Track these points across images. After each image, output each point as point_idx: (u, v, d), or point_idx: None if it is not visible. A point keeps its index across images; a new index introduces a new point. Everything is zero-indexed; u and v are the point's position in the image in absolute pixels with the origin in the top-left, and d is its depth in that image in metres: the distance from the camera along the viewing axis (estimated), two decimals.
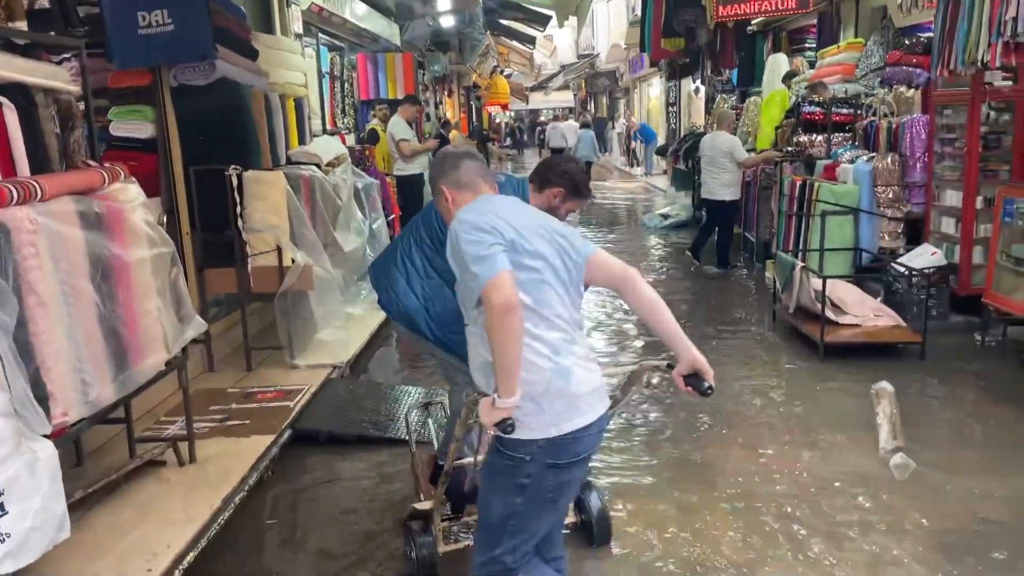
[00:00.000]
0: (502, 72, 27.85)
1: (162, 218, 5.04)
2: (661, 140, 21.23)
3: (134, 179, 3.49)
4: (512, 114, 46.94)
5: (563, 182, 3.01)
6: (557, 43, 37.97)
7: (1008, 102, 5.70)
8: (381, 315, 6.54)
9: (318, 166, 6.04)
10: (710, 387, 2.20)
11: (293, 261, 5.11)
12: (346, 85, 9.31)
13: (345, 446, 4.26)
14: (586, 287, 2.24)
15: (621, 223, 13.16)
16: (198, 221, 5.10)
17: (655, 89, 24.85)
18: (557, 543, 2.39)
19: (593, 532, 3.17)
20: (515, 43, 23.30)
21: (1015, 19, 4.79)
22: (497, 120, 40.07)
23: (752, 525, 3.36)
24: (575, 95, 45.45)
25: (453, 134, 16.16)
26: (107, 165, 3.38)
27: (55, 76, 3.37)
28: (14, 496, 2.39)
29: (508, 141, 35.43)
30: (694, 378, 2.20)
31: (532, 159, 29.90)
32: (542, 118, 44.68)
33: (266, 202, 5.05)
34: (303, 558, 3.25)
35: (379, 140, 8.68)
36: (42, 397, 2.63)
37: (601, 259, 2.21)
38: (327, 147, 6.50)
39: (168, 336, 3.49)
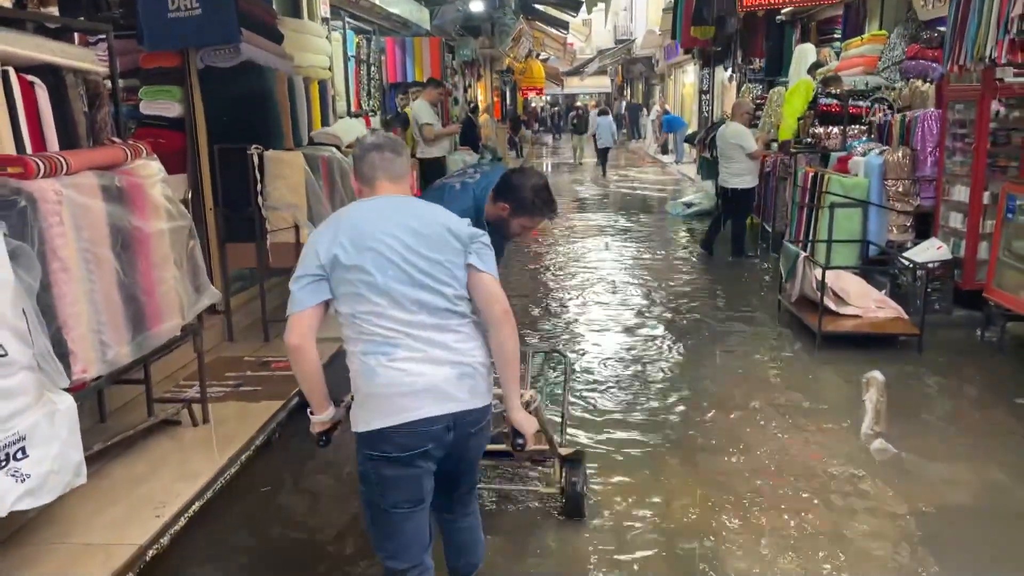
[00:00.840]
0: (537, 56, 27.85)
1: (187, 193, 5.33)
2: (693, 128, 21.14)
3: (155, 156, 3.73)
4: (548, 98, 46.89)
5: (510, 199, 3.01)
6: (596, 28, 37.82)
7: (1019, 99, 5.72)
8: None
9: (338, 147, 6.27)
10: (520, 445, 2.37)
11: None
12: (372, 68, 9.52)
13: None
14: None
15: (648, 211, 13.23)
16: (221, 197, 5.36)
17: (689, 76, 24.68)
18: (460, 499, 2.51)
19: (566, 506, 3.36)
20: (549, 28, 23.31)
21: (1022, 17, 4.83)
22: (533, 104, 40.06)
23: (725, 499, 3.53)
24: (612, 80, 45.23)
25: (483, 118, 16.35)
26: (130, 142, 3.63)
27: (84, 58, 3.62)
28: (35, 442, 2.66)
29: (537, 126, 35.45)
30: (513, 429, 2.38)
31: (566, 143, 29.95)
32: (578, 103, 44.58)
33: (285, 181, 5.29)
34: (298, 515, 3.50)
35: (409, 124, 8.88)
36: (63, 354, 2.90)
37: (483, 283, 2.27)
38: (349, 129, 6.73)
39: (184, 303, 3.75)
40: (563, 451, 3.33)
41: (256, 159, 5.22)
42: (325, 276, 2.19)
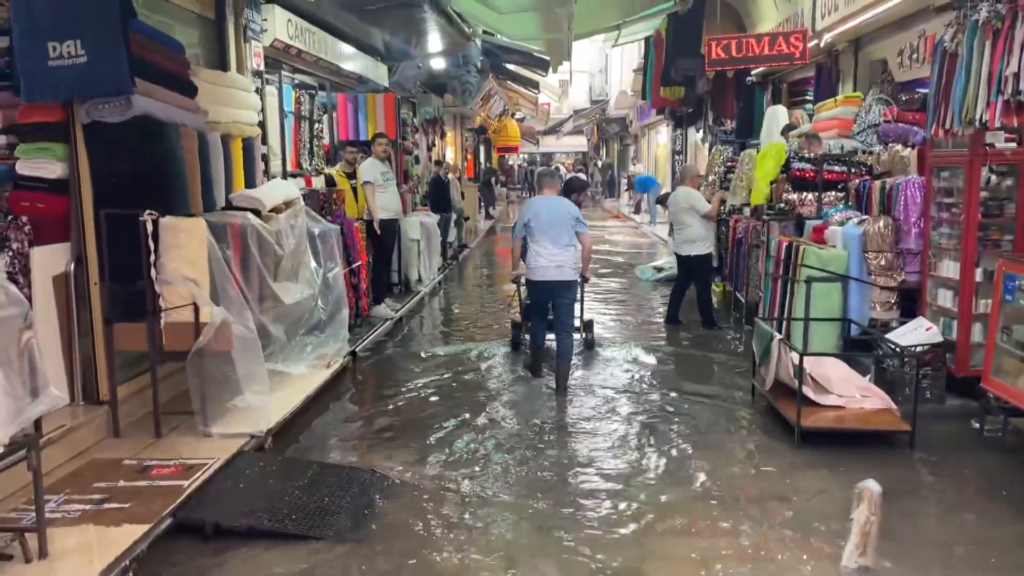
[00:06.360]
0: (512, 115, 27.67)
1: (69, 265, 4.62)
2: (667, 188, 20.77)
3: None
4: (525, 157, 47.12)
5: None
6: (574, 88, 37.91)
7: (1011, 166, 5.18)
8: (323, 375, 6.03)
9: (258, 212, 5.59)
10: (586, 279, 6.69)
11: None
12: (316, 125, 8.90)
13: (238, 541, 3.68)
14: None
15: (617, 274, 12.52)
16: (108, 270, 4.64)
17: (663, 136, 24.53)
18: (560, 323, 6.16)
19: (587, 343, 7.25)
20: (522, 88, 23.06)
21: (1016, 75, 4.30)
22: (510, 163, 40.34)
23: None
24: (588, 140, 45.39)
25: (451, 176, 15.77)
26: None
27: None
28: None
29: (514, 183, 35.86)
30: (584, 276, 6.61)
31: None
32: (555, 163, 45.00)
33: (182, 251, 4.59)
34: None
35: (335, 185, 8.18)
36: None
37: (582, 238, 6.14)
38: (275, 191, 6.07)
39: (7, 411, 3.00)
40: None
41: (150, 226, 4.54)
42: (525, 225, 6.09)
